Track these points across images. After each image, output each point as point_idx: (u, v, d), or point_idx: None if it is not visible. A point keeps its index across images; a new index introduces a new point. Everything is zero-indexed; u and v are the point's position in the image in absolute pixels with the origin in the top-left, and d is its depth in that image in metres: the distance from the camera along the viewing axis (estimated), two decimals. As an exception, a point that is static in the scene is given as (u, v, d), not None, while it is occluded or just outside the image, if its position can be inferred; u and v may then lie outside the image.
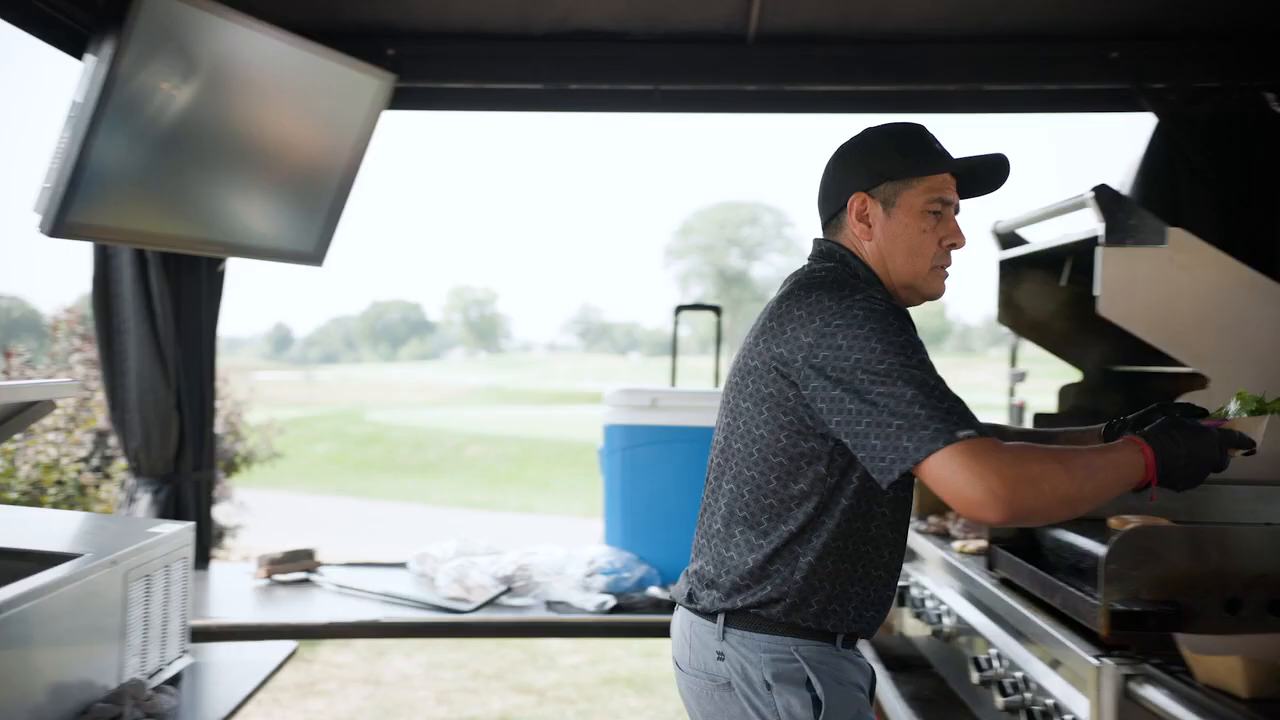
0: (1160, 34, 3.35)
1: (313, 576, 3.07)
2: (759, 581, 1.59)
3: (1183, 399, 2.24)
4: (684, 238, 54.74)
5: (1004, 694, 1.92)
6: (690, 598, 1.67)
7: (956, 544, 2.52)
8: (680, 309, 3.61)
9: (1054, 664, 1.79)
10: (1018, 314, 2.92)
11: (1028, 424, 3.28)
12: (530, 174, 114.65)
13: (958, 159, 1.67)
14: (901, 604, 2.68)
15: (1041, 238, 2.89)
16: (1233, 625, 1.64)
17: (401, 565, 3.23)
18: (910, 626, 2.75)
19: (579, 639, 5.66)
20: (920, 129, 1.69)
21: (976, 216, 3.00)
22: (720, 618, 1.61)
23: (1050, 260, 2.82)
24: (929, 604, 2.52)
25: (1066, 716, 1.73)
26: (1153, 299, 2.23)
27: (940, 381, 1.47)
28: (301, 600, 2.87)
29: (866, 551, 1.61)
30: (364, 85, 3.12)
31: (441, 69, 3.39)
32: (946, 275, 1.68)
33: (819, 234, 1.74)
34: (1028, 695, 1.88)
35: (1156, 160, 3.42)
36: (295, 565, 3.09)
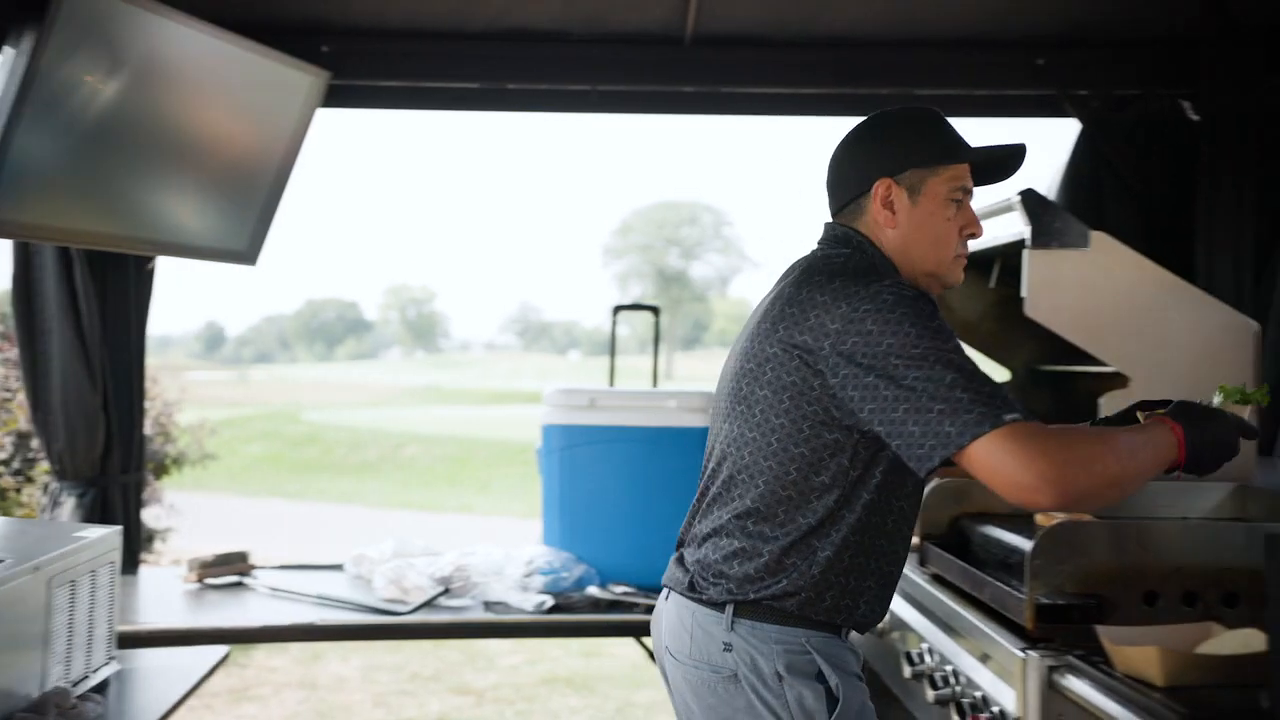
0: (1084, 43, 3.45)
1: (246, 580, 3.03)
2: (774, 574, 1.54)
3: (1104, 398, 2.30)
4: (623, 237, 54.78)
5: (934, 687, 1.96)
6: (693, 587, 1.61)
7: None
8: (618, 309, 3.62)
9: (983, 658, 1.83)
10: (948, 314, 2.96)
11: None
12: (469, 172, 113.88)
13: (980, 148, 1.66)
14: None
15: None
16: (1150, 617, 1.70)
17: (338, 567, 3.20)
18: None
19: (518, 639, 5.65)
20: (940, 115, 1.67)
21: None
22: (729, 608, 1.57)
23: (980, 262, 2.87)
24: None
25: (994, 708, 1.77)
26: (1076, 300, 2.29)
27: (977, 367, 1.44)
28: (234, 604, 2.82)
29: (881, 546, 1.58)
30: (297, 82, 3.08)
31: (377, 67, 3.36)
32: (964, 263, 1.67)
33: (826, 220, 1.69)
34: (957, 688, 1.92)
35: (1081, 165, 3.52)
36: (227, 568, 3.04)
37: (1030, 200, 2.29)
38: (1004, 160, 1.69)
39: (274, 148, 3.18)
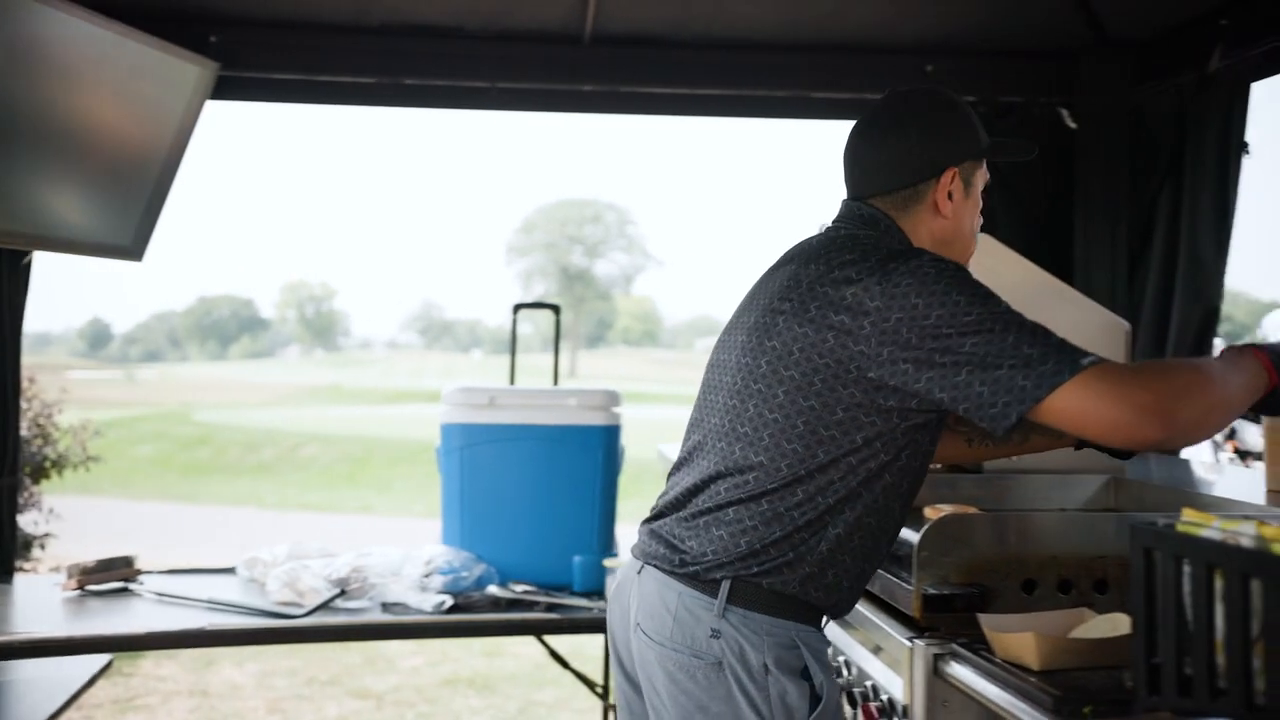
0: (970, 51, 3.57)
1: (131, 586, 2.92)
2: (782, 549, 1.50)
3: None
4: (526, 235, 54.53)
5: (828, 677, 2.01)
6: (682, 564, 1.54)
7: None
8: (518, 307, 3.61)
9: (876, 649, 1.88)
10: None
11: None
12: (371, 167, 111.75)
13: (1006, 143, 1.66)
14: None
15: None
16: (1029, 604, 1.76)
17: (230, 571, 3.11)
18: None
19: (418, 640, 5.59)
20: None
21: (807, 216, 3.12)
22: (724, 589, 1.50)
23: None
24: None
25: (883, 696, 1.82)
26: (963, 300, 2.36)
27: (1037, 323, 1.39)
28: (118, 611, 2.72)
29: (886, 528, 1.57)
30: (184, 73, 2.98)
31: (268, 59, 3.28)
32: None
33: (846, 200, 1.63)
34: (850, 678, 1.97)
35: (969, 169, 3.63)
36: (110, 574, 2.93)
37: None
38: (1011, 155, 1.71)
39: (160, 140, 3.08)
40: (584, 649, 4.28)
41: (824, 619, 1.59)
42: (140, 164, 3.09)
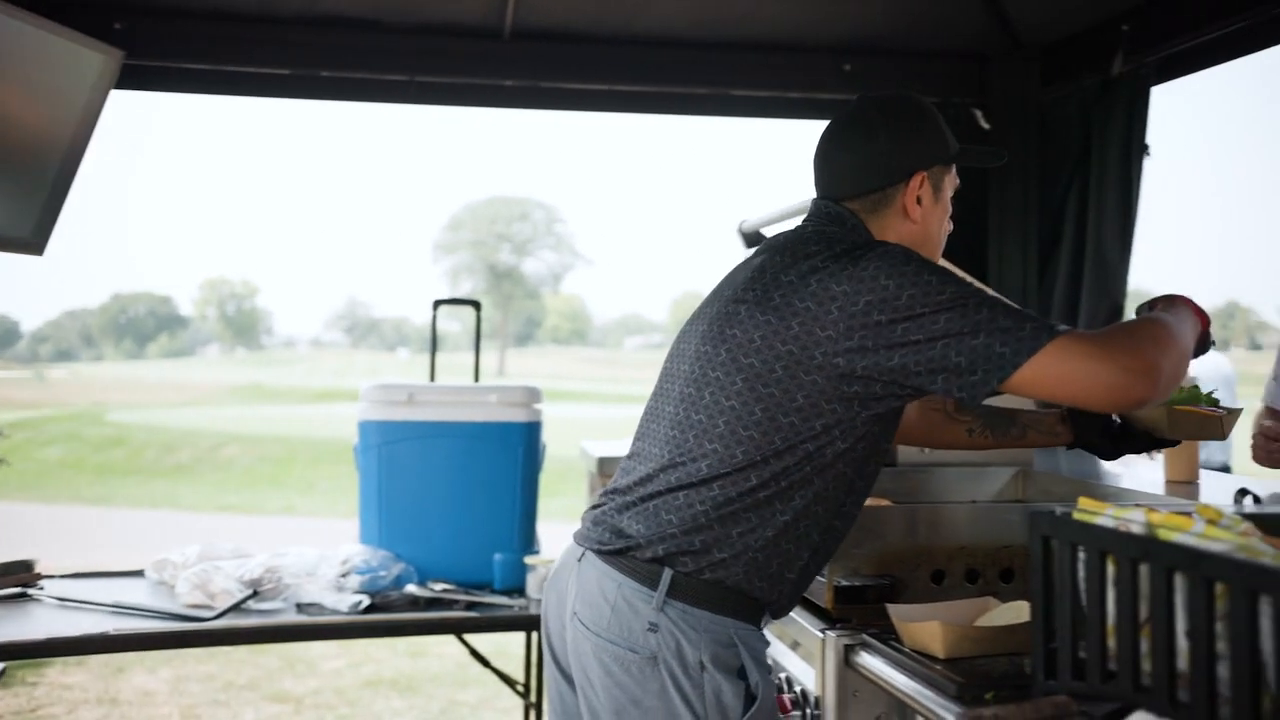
0: (888, 51, 3.63)
1: (30, 591, 2.82)
2: (727, 529, 1.49)
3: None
4: (453, 233, 54.05)
5: (743, 670, 2.03)
6: (623, 550, 1.53)
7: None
8: (438, 303, 3.57)
9: (791, 642, 1.90)
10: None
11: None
12: (294, 162, 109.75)
13: (975, 149, 1.68)
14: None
15: (782, 238, 3.06)
16: (938, 594, 1.80)
17: (138, 574, 3.03)
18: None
19: (340, 642, 5.50)
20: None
21: (727, 215, 3.14)
22: (665, 581, 1.49)
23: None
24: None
25: (798, 688, 1.84)
26: (877, 296, 2.40)
27: (1009, 301, 1.40)
28: (16, 617, 2.62)
29: (833, 523, 1.56)
30: (87, 61, 2.88)
31: (176, 48, 3.19)
32: None
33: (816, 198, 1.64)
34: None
35: (887, 168, 3.69)
36: (8, 579, 2.82)
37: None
38: (980, 162, 1.73)
39: (62, 130, 2.97)
40: (508, 648, 4.25)
41: (764, 618, 1.58)
42: (40, 154, 2.98)
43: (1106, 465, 2.93)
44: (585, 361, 52.00)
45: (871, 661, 1.64)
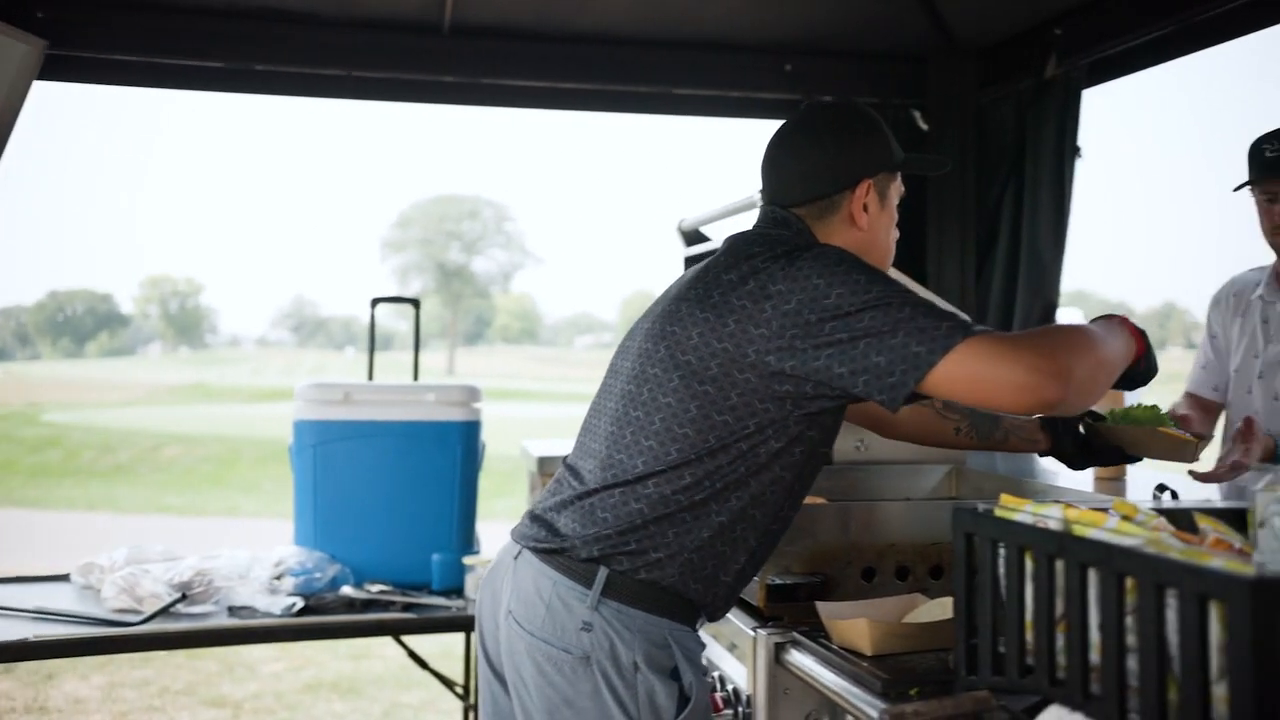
0: (827, 51, 3.64)
1: (-50, 597, 2.74)
2: (662, 528, 1.48)
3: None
4: (402, 230, 53.56)
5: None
6: (559, 549, 1.52)
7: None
8: (376, 301, 3.52)
9: (727, 643, 1.89)
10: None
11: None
12: (238, 158, 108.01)
13: (921, 157, 1.71)
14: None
15: (722, 236, 3.06)
16: (869, 591, 1.81)
17: (64, 578, 2.95)
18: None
19: (281, 646, 5.42)
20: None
21: (676, 214, 3.14)
22: (600, 579, 1.48)
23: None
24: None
25: (730, 686, 1.84)
26: (812, 295, 2.41)
27: (935, 301, 1.41)
28: (-68, 624, 2.54)
29: (769, 526, 1.55)
30: (7, 51, 2.80)
31: (103, 38, 3.10)
32: None
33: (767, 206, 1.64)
34: (699, 668, 1.98)
35: (827, 168, 3.71)
36: (-72, 586, 2.74)
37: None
38: (924, 169, 1.75)
39: (-17, 122, 2.89)
40: (454, 649, 4.21)
41: (700, 619, 1.58)
42: (-39, 147, 2.89)
43: (1039, 462, 2.98)
44: (535, 360, 51.84)
45: (801, 659, 1.65)
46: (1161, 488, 1.81)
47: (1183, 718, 0.97)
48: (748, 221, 2.58)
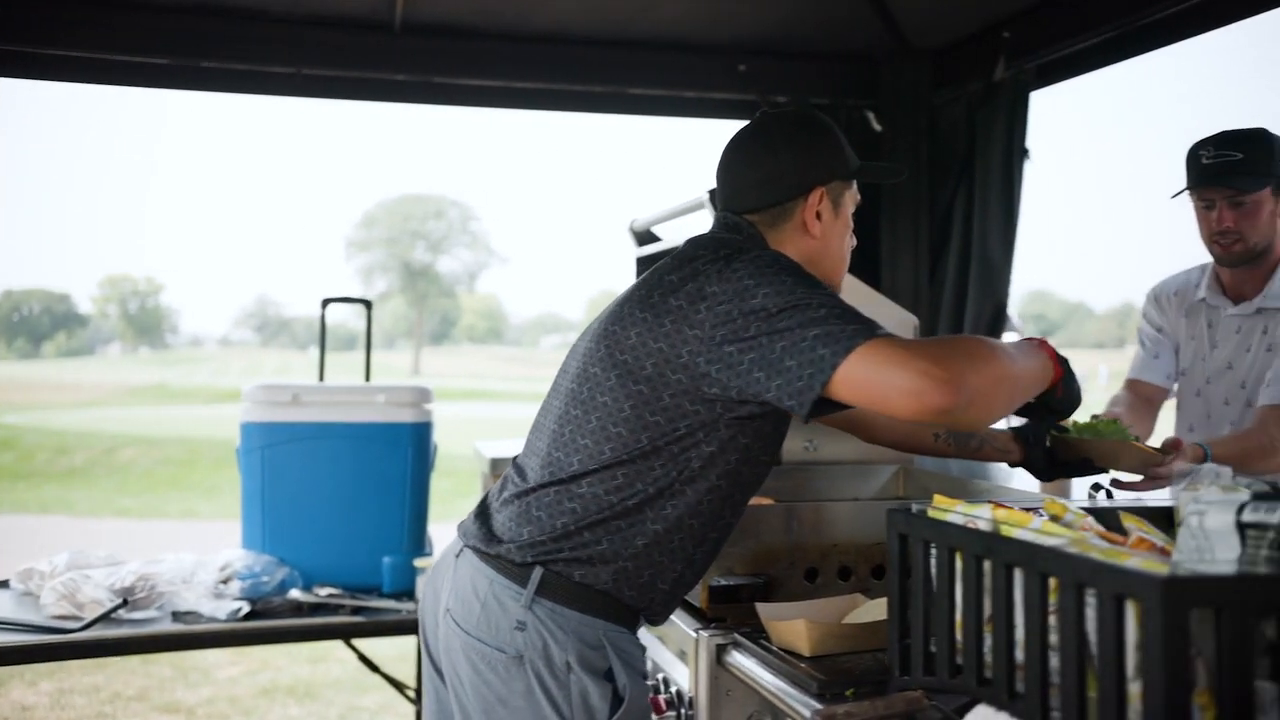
0: (780, 52, 3.65)
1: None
2: (597, 536, 1.48)
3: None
4: (367, 230, 53.18)
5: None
6: (496, 544, 1.53)
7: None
8: (327, 302, 3.48)
9: (670, 645, 1.89)
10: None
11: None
12: (199, 157, 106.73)
13: (875, 165, 1.68)
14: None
15: (673, 236, 3.05)
16: (812, 591, 1.81)
17: (3, 584, 2.89)
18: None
19: (237, 650, 5.35)
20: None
21: (631, 214, 3.12)
22: (534, 579, 1.48)
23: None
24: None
25: (673, 688, 1.84)
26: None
27: (856, 310, 1.39)
28: None
29: (709, 536, 1.54)
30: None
31: (43, 33, 3.04)
32: None
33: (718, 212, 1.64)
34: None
35: (781, 168, 3.71)
36: None
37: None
38: (879, 178, 1.73)
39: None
40: (409, 652, 4.17)
41: (638, 622, 1.57)
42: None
43: (987, 463, 3.00)
44: (501, 360, 51.62)
45: (741, 660, 1.65)
46: (1096, 487, 1.83)
47: (1101, 715, 0.97)
48: (696, 221, 2.58)
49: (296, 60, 3.27)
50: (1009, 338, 5.55)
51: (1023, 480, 2.43)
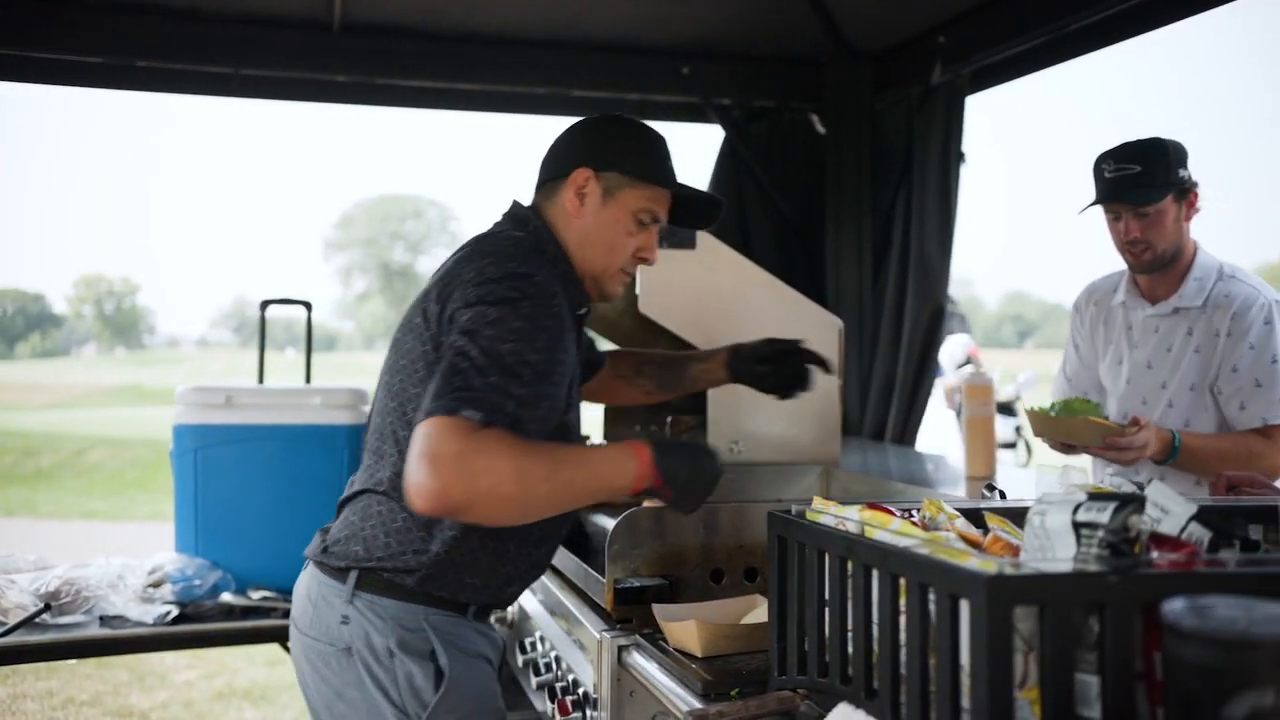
0: (725, 54, 3.66)
1: None
2: (400, 544, 1.53)
3: (712, 392, 2.43)
4: (344, 230, 52.98)
5: (537, 674, 2.02)
6: (325, 552, 1.60)
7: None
8: (265, 304, 3.46)
9: (580, 646, 1.89)
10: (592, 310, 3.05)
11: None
12: (173, 156, 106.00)
13: (682, 185, 1.69)
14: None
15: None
16: (718, 592, 1.82)
17: (-69, 589, 2.86)
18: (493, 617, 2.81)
19: (195, 652, 5.31)
20: (663, 140, 1.69)
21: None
22: (352, 578, 1.55)
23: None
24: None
25: (580, 689, 1.84)
26: (686, 298, 2.42)
27: (532, 373, 1.38)
28: None
29: (518, 530, 1.56)
30: None
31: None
32: (626, 280, 1.70)
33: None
34: (558, 673, 1.98)
35: (725, 169, 3.73)
36: None
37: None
38: (702, 207, 1.74)
39: None
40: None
41: (468, 608, 1.60)
42: None
43: (910, 464, 3.01)
44: (480, 361, 51.27)
45: (639, 661, 1.65)
46: (990, 487, 1.84)
47: (938, 709, 0.98)
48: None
49: (234, 60, 3.25)
50: (953, 341, 5.59)
51: (940, 478, 2.45)
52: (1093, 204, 2.27)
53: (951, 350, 5.42)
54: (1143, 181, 2.18)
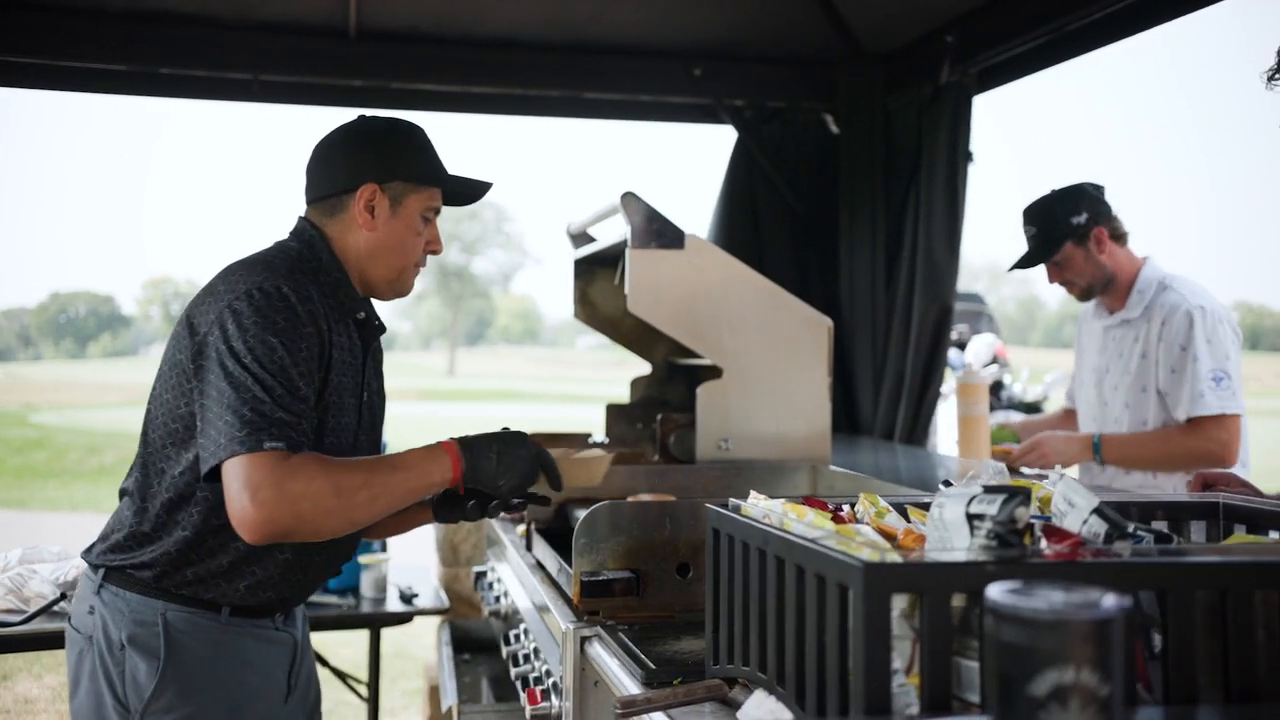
0: (736, 56, 3.67)
1: None
2: (140, 543, 1.58)
3: (701, 389, 2.46)
4: (401, 231, 53.46)
5: (515, 665, 2.06)
6: (89, 549, 1.67)
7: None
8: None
9: (556, 639, 1.92)
10: (592, 310, 3.08)
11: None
12: (238, 161, 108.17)
13: (458, 178, 1.74)
14: (478, 588, 2.79)
15: (606, 236, 3.07)
16: (684, 586, 1.84)
17: (-34, 578, 2.98)
18: (488, 610, 2.86)
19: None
20: (424, 131, 1.73)
21: (557, 223, 3.15)
22: (100, 571, 1.60)
23: (608, 260, 2.99)
24: (495, 588, 2.64)
25: (550, 680, 1.87)
26: (674, 297, 2.43)
27: (293, 385, 1.45)
28: None
29: (257, 551, 1.58)
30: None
31: (9, 42, 3.14)
32: (418, 273, 1.76)
33: (300, 213, 1.73)
34: (535, 664, 2.02)
35: (739, 170, 3.74)
36: None
37: (630, 202, 2.41)
38: (473, 191, 1.80)
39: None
40: (362, 651, 4.20)
41: (222, 608, 1.60)
42: None
43: (900, 460, 3.00)
44: (536, 361, 51.84)
45: (600, 652, 1.68)
46: (947, 483, 1.84)
47: (830, 695, 1.01)
48: (612, 227, 2.61)
49: (253, 67, 3.34)
50: (980, 341, 5.54)
51: (929, 475, 2.43)
52: (1012, 268, 2.65)
53: (978, 349, 5.38)
54: (1040, 240, 2.56)
